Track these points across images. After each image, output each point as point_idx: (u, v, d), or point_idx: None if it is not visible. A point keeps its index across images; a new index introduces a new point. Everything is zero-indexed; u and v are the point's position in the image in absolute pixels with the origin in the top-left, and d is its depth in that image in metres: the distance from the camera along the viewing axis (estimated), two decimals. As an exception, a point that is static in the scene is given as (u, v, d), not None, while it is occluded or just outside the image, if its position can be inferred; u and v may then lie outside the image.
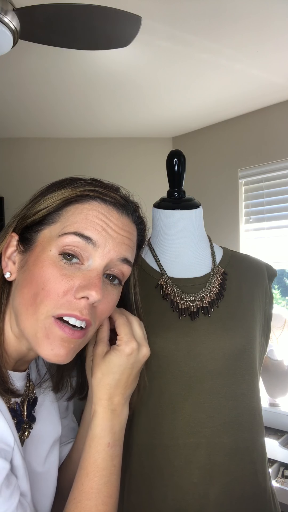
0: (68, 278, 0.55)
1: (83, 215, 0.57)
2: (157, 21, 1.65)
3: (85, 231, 0.56)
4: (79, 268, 0.56)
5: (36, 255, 0.57)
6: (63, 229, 0.56)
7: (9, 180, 2.93)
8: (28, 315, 0.56)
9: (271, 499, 0.86)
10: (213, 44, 1.84)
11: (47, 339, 0.55)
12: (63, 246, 0.56)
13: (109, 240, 0.57)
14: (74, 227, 0.56)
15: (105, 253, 0.57)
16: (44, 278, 0.55)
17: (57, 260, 0.56)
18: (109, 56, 1.92)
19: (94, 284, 0.55)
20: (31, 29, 1.35)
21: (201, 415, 0.80)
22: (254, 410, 0.84)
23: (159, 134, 3.05)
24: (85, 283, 0.55)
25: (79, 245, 0.56)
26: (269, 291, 0.94)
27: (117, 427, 0.63)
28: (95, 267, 0.57)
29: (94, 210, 0.58)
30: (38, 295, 0.55)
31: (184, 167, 0.92)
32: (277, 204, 2.51)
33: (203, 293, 0.86)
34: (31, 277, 0.56)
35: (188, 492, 0.78)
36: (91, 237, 0.56)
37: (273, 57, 1.96)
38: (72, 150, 3.03)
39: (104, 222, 0.57)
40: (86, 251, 0.56)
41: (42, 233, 0.58)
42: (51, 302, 0.55)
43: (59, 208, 0.58)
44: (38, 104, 2.50)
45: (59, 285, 0.55)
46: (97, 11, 1.28)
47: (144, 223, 0.67)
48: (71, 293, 0.55)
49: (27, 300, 0.56)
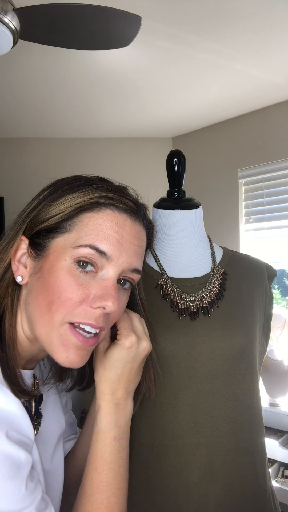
0: (84, 287, 0.56)
1: (98, 227, 0.57)
2: (157, 21, 1.65)
3: (100, 245, 0.57)
4: (94, 277, 0.57)
5: (51, 263, 0.57)
6: (77, 240, 0.57)
7: (9, 180, 2.93)
8: (43, 323, 0.57)
9: (271, 499, 0.86)
10: (213, 44, 1.84)
11: (62, 346, 0.57)
12: (78, 257, 0.57)
13: (122, 252, 0.58)
14: (89, 240, 0.56)
15: (118, 265, 0.58)
16: (61, 288, 0.56)
17: (72, 269, 0.56)
18: (109, 56, 1.92)
19: (110, 295, 0.56)
20: (31, 29, 1.35)
21: (201, 415, 0.80)
22: (254, 410, 0.84)
23: (159, 134, 3.05)
24: (101, 292, 0.56)
25: (94, 257, 0.57)
26: (269, 291, 0.94)
27: (122, 421, 0.65)
28: (109, 277, 0.58)
29: (109, 220, 0.58)
30: (54, 303, 0.56)
31: (184, 167, 0.92)
32: (277, 204, 2.51)
33: (203, 293, 0.86)
34: (46, 285, 0.57)
35: (188, 492, 0.78)
36: (106, 251, 0.57)
37: (273, 57, 1.96)
38: (72, 150, 3.03)
39: (118, 234, 0.58)
40: (101, 263, 0.57)
41: (56, 241, 0.58)
42: (67, 310, 0.56)
43: (73, 216, 0.58)
44: (38, 104, 2.50)
45: (76, 295, 0.56)
46: (97, 11, 1.28)
47: (153, 226, 0.68)
48: (87, 302, 0.56)
49: (42, 308, 0.57)
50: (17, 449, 0.51)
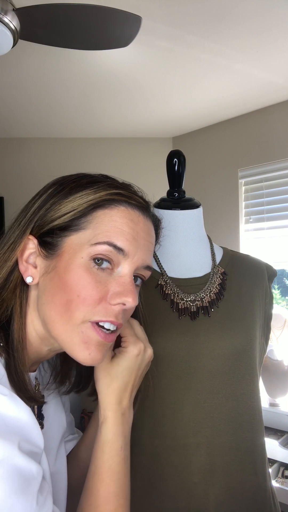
0: (102, 285, 0.56)
1: (114, 224, 0.57)
2: (157, 21, 1.65)
3: (117, 242, 0.56)
4: (111, 274, 0.57)
5: (66, 262, 0.56)
6: (94, 237, 0.56)
7: (9, 180, 2.93)
8: (62, 322, 0.56)
9: (271, 499, 0.86)
10: (213, 44, 1.84)
11: (84, 344, 0.56)
12: (95, 254, 0.56)
13: (137, 249, 0.58)
14: (107, 236, 0.56)
15: (134, 261, 0.58)
16: (80, 286, 0.55)
17: (90, 267, 0.56)
18: (109, 56, 1.92)
19: (129, 291, 0.56)
20: (31, 29, 1.35)
21: (201, 415, 0.80)
22: (254, 410, 0.84)
23: (159, 134, 3.05)
24: (119, 289, 0.56)
25: (111, 253, 0.57)
26: (269, 291, 0.94)
27: (127, 430, 0.65)
28: (125, 273, 0.58)
29: (124, 217, 0.58)
30: (73, 301, 0.55)
31: (184, 167, 0.92)
32: (277, 204, 2.51)
33: (203, 293, 0.86)
34: (63, 284, 0.56)
35: (188, 492, 0.78)
36: (123, 248, 0.57)
37: (273, 57, 1.96)
38: (72, 150, 3.03)
39: (133, 230, 0.58)
40: (117, 259, 0.57)
41: (70, 239, 0.57)
42: (87, 308, 0.55)
43: (86, 213, 0.57)
44: (38, 104, 2.50)
45: (95, 292, 0.55)
46: (97, 11, 1.28)
47: (160, 225, 0.67)
48: (106, 300, 0.56)
49: (60, 307, 0.56)
50: (28, 462, 0.49)
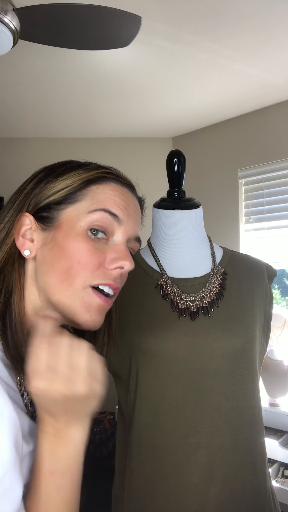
0: (100, 252, 0.60)
1: (107, 195, 0.62)
2: (157, 21, 1.65)
3: (112, 209, 0.61)
4: (106, 243, 0.61)
5: (65, 231, 0.60)
6: (91, 205, 0.61)
7: (9, 180, 2.92)
8: (63, 288, 0.59)
9: (271, 499, 0.86)
10: (213, 44, 1.84)
11: (86, 308, 0.59)
12: (93, 222, 0.60)
13: (129, 218, 0.63)
14: (102, 205, 0.61)
15: (127, 230, 0.63)
16: (80, 252, 0.59)
17: (87, 235, 0.60)
18: (109, 56, 1.92)
19: (126, 255, 0.61)
20: (31, 29, 1.35)
21: (201, 415, 0.80)
22: (254, 410, 0.84)
23: (159, 134, 3.05)
24: (116, 255, 0.60)
25: (107, 221, 0.61)
26: (269, 291, 0.94)
27: (61, 452, 0.52)
28: (120, 241, 0.62)
29: (115, 191, 0.63)
30: (73, 267, 0.58)
31: (184, 167, 0.92)
32: (277, 204, 2.51)
33: (203, 293, 0.86)
34: (64, 252, 0.59)
35: (188, 492, 0.78)
36: (118, 214, 0.61)
37: (273, 57, 1.96)
38: (72, 150, 3.03)
39: (125, 202, 0.63)
40: (112, 227, 0.61)
41: (67, 211, 0.61)
42: (87, 273, 0.59)
43: (81, 188, 0.62)
44: (38, 104, 2.50)
45: (94, 258, 0.59)
46: (97, 11, 1.28)
47: (144, 204, 0.72)
48: (104, 265, 0.60)
49: (61, 274, 0.59)
50: None
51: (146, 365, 0.81)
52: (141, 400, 0.81)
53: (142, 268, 0.90)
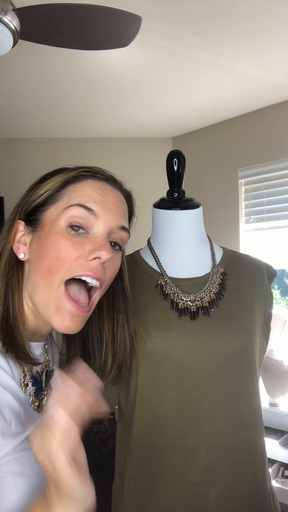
0: (79, 245, 0.62)
1: (83, 191, 0.65)
2: (157, 21, 1.65)
3: (87, 204, 0.63)
4: (86, 237, 0.63)
5: (47, 231, 0.64)
6: (67, 202, 0.64)
7: (9, 180, 2.93)
8: (45, 286, 0.62)
9: (271, 499, 0.86)
10: (213, 44, 1.84)
11: (58, 312, 0.62)
12: (70, 218, 0.63)
13: (107, 210, 0.65)
14: (78, 200, 0.64)
15: (107, 222, 0.64)
16: (58, 248, 0.61)
17: (66, 232, 0.62)
18: (109, 56, 1.92)
19: (103, 245, 0.62)
20: (31, 29, 1.35)
21: (201, 415, 0.80)
22: (254, 410, 0.84)
23: (159, 134, 3.05)
24: (94, 246, 0.62)
25: (83, 215, 0.63)
26: (269, 291, 0.94)
27: None
28: (100, 233, 0.64)
29: (92, 186, 0.65)
30: (53, 264, 0.61)
31: (184, 167, 0.91)
32: (277, 204, 2.51)
33: (203, 293, 0.86)
34: (45, 250, 0.63)
35: (188, 492, 0.78)
36: (93, 208, 0.63)
37: (273, 57, 1.96)
38: (72, 150, 3.03)
39: (101, 196, 0.65)
40: (90, 221, 0.63)
41: (49, 211, 0.65)
42: (65, 268, 0.61)
43: (60, 188, 0.65)
44: (38, 104, 2.50)
45: (72, 252, 0.61)
46: (97, 11, 1.28)
47: (131, 196, 0.74)
48: (83, 257, 0.62)
49: (43, 272, 0.62)
50: None
51: (146, 365, 0.81)
52: (141, 400, 0.82)
53: (142, 268, 0.90)
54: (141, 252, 0.95)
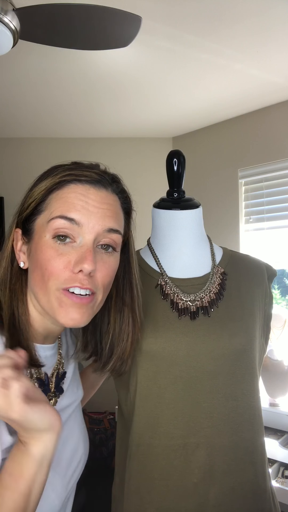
0: (64, 256, 0.63)
1: (64, 199, 0.64)
2: (157, 21, 1.65)
3: (68, 213, 0.63)
4: (72, 246, 0.64)
5: (36, 243, 0.65)
6: (50, 215, 0.64)
7: (9, 180, 2.93)
8: (43, 293, 0.65)
9: (271, 499, 0.86)
10: (213, 44, 1.84)
11: (61, 308, 0.64)
12: (54, 230, 0.63)
13: (91, 216, 0.64)
14: (59, 211, 0.64)
15: (91, 229, 0.64)
16: (45, 260, 0.63)
17: (52, 243, 0.63)
18: (109, 56, 1.92)
19: (85, 258, 0.62)
20: (31, 29, 1.35)
21: (201, 415, 0.80)
22: (254, 410, 0.84)
23: (159, 134, 3.05)
24: (78, 258, 0.63)
25: (66, 226, 0.63)
26: (268, 291, 0.94)
27: (17, 457, 0.57)
28: (85, 243, 0.64)
29: (73, 192, 0.65)
30: (44, 275, 0.64)
31: (184, 167, 0.91)
32: (277, 204, 2.51)
33: (203, 293, 0.86)
34: (36, 262, 0.65)
35: (188, 492, 0.78)
36: (74, 217, 0.63)
37: (273, 57, 1.96)
38: (72, 150, 3.03)
39: (83, 201, 0.64)
40: (74, 230, 0.63)
41: (37, 223, 0.66)
42: (56, 277, 0.63)
43: (44, 197, 0.66)
44: (38, 104, 2.50)
45: (58, 263, 0.63)
46: (97, 11, 1.28)
47: (126, 191, 0.72)
48: (70, 268, 0.63)
49: (38, 281, 0.65)
50: None
51: (146, 365, 0.81)
52: (141, 400, 0.82)
53: (142, 268, 0.91)
54: (141, 252, 0.95)
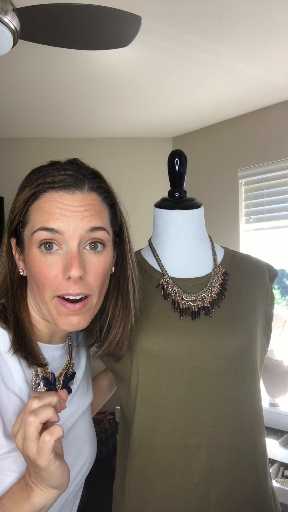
0: (53, 266, 0.64)
1: (41, 210, 0.65)
2: (157, 21, 1.65)
3: (47, 224, 0.64)
4: (59, 254, 0.65)
5: (27, 255, 0.67)
6: (32, 227, 0.65)
7: (9, 180, 2.92)
8: (40, 302, 0.67)
9: (271, 499, 0.86)
10: (213, 44, 1.84)
11: (59, 316, 0.66)
12: (38, 242, 0.64)
13: (69, 221, 0.64)
14: (38, 223, 0.64)
15: (72, 234, 0.64)
16: (37, 273, 0.65)
17: (40, 255, 0.65)
18: (109, 56, 1.92)
19: (71, 265, 0.63)
20: (31, 29, 1.35)
21: (202, 415, 0.80)
22: (255, 410, 0.84)
23: (159, 134, 3.05)
24: (66, 265, 0.64)
25: (49, 236, 0.64)
26: (270, 291, 0.94)
27: (18, 498, 0.59)
28: (69, 249, 0.64)
29: (48, 201, 0.65)
30: (39, 286, 0.65)
31: (185, 167, 0.91)
32: (277, 204, 2.51)
33: (204, 293, 0.86)
34: (30, 273, 0.67)
35: (189, 493, 0.78)
36: (54, 227, 0.64)
37: (273, 57, 1.96)
38: (72, 150, 3.03)
39: (59, 208, 0.64)
40: (58, 238, 0.64)
41: (25, 234, 0.67)
42: (49, 287, 0.65)
43: (25, 210, 0.67)
44: (38, 104, 2.50)
45: (49, 274, 0.64)
46: (97, 11, 1.28)
47: (105, 186, 0.71)
48: (60, 277, 0.64)
49: (35, 291, 0.67)
50: None
51: (147, 365, 0.81)
52: (142, 400, 0.81)
53: (143, 268, 0.90)
54: (142, 252, 0.95)
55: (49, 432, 0.54)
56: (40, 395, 0.57)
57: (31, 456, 0.55)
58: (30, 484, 0.58)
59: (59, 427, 0.55)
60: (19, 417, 0.57)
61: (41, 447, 0.54)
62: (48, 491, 0.58)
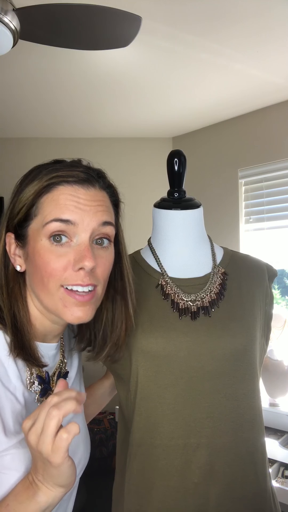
0: (63, 257, 0.65)
1: (56, 202, 0.65)
2: (157, 21, 1.65)
3: (62, 215, 0.64)
4: (70, 245, 0.65)
5: (33, 247, 0.66)
6: (44, 219, 0.65)
7: (9, 180, 2.92)
8: (45, 294, 0.67)
9: (271, 499, 0.86)
10: (213, 44, 1.84)
11: (65, 308, 0.66)
12: (49, 233, 0.65)
13: (84, 215, 0.65)
14: (53, 215, 0.65)
15: (85, 226, 0.65)
16: (45, 263, 0.65)
17: (49, 246, 0.65)
18: (109, 56, 1.92)
19: (85, 256, 0.64)
20: (31, 29, 1.35)
21: (201, 415, 0.80)
22: (255, 410, 0.84)
23: (159, 134, 3.05)
24: (78, 256, 0.64)
25: (62, 227, 0.64)
26: (269, 291, 0.94)
27: (23, 498, 0.59)
28: (82, 241, 0.65)
29: (63, 194, 0.66)
30: (44, 276, 0.65)
31: (184, 167, 0.91)
32: (277, 204, 2.51)
33: (204, 293, 0.86)
34: (35, 265, 0.66)
35: (188, 492, 0.78)
36: (69, 218, 0.65)
37: (273, 57, 1.96)
38: (72, 150, 3.02)
39: (75, 201, 0.65)
40: (70, 230, 0.65)
41: (31, 227, 0.67)
42: (56, 278, 0.65)
43: (34, 202, 0.66)
44: (38, 104, 2.50)
45: (58, 264, 0.64)
46: (97, 11, 1.28)
47: (112, 185, 0.74)
48: (70, 268, 0.64)
49: (39, 284, 0.67)
50: None
51: (146, 365, 0.81)
52: (141, 400, 0.81)
53: (143, 268, 0.90)
54: (142, 252, 0.95)
55: (66, 430, 0.54)
56: (58, 392, 0.57)
57: (44, 453, 0.54)
58: (36, 483, 0.58)
59: (76, 425, 0.54)
60: (31, 414, 0.57)
61: (58, 445, 0.54)
62: (55, 489, 0.58)
